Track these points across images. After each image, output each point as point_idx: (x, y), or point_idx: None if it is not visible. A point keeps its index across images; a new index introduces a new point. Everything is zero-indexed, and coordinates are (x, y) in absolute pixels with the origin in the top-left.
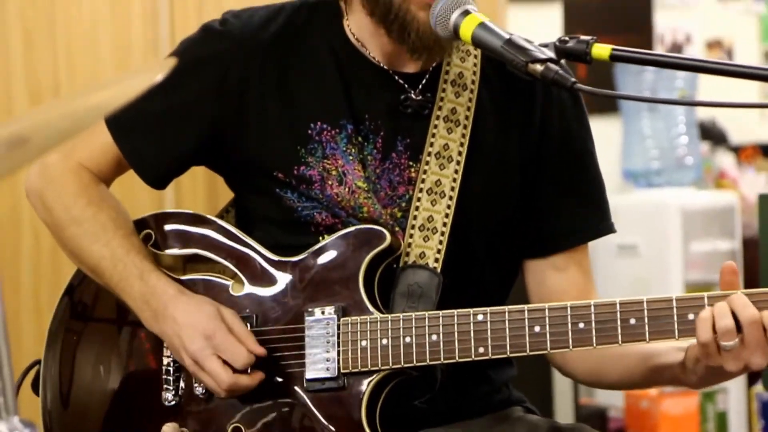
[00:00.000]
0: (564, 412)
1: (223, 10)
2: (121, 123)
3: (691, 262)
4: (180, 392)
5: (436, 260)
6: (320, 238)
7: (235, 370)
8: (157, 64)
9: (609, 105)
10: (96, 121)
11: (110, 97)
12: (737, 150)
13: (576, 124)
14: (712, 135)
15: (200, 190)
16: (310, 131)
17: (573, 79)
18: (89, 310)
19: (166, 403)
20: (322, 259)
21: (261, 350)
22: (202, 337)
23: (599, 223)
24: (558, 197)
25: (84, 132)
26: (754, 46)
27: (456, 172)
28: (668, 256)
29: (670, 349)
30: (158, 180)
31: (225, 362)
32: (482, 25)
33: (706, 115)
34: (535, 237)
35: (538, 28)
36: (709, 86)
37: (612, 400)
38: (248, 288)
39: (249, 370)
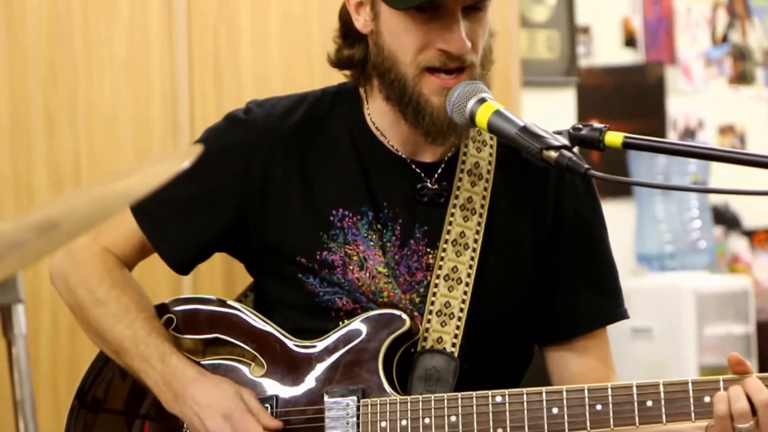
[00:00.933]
0: None
1: (240, 96)
2: (146, 209)
3: (706, 346)
4: None
5: (453, 345)
6: (340, 323)
7: None
8: (184, 152)
9: (622, 189)
10: (124, 208)
11: (138, 183)
12: (750, 234)
13: (589, 210)
14: (725, 219)
15: (217, 274)
16: (332, 218)
17: (586, 166)
18: (102, 402)
19: None
20: (343, 341)
21: (277, 423)
22: (221, 417)
23: (611, 309)
24: (571, 284)
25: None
26: (765, 132)
27: (472, 259)
28: (682, 339)
29: (689, 429)
30: (183, 266)
31: None
32: (498, 112)
33: (720, 199)
34: (550, 322)
35: (552, 113)
36: (722, 171)
37: None
38: (268, 371)
39: None
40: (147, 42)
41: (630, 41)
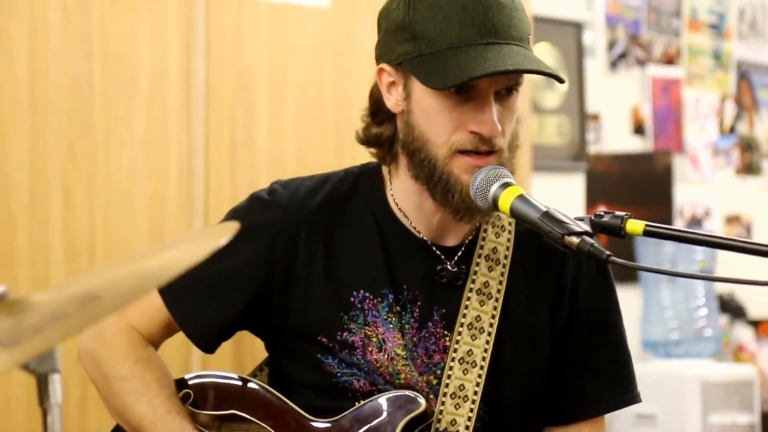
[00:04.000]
0: None
1: (255, 175)
2: (172, 289)
3: None
4: None
5: (467, 427)
6: (356, 403)
7: None
8: (220, 229)
9: (629, 275)
10: (161, 282)
11: (174, 259)
12: (756, 324)
13: (603, 296)
14: (731, 308)
15: (226, 346)
16: (352, 299)
17: (608, 253)
18: None
19: None
20: (358, 421)
21: None
22: None
23: (623, 393)
24: (581, 369)
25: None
26: None
27: (487, 342)
28: (687, 427)
29: None
30: (208, 344)
31: None
32: (521, 197)
33: (725, 288)
34: (558, 405)
35: (561, 197)
36: (728, 260)
37: None
38: None
39: None
40: (165, 120)
41: (639, 129)
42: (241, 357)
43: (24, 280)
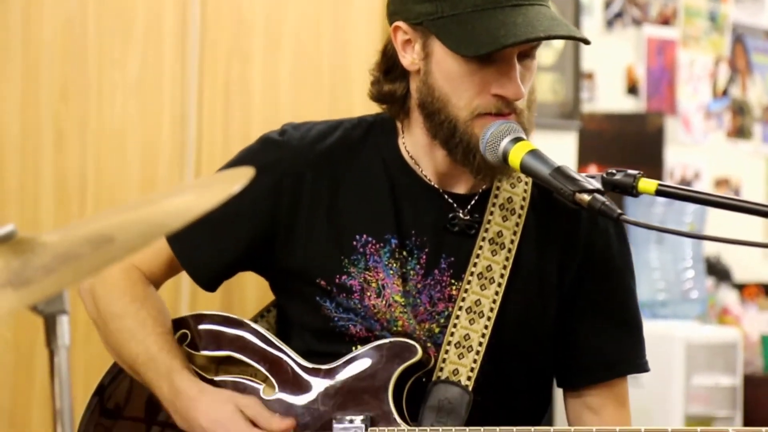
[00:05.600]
0: None
1: (249, 122)
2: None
3: (693, 396)
4: None
5: (469, 378)
6: (353, 348)
7: None
8: (235, 175)
9: None
10: (176, 227)
11: (189, 204)
12: (741, 287)
13: (619, 257)
14: (717, 271)
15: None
16: (354, 242)
17: (619, 211)
18: (119, 409)
19: None
20: (354, 368)
21: (290, 421)
22: None
23: (635, 359)
24: (595, 329)
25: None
26: (760, 187)
27: (497, 293)
28: (670, 388)
29: None
30: (210, 283)
31: None
32: (532, 152)
33: (712, 250)
34: (569, 366)
35: (553, 156)
36: (716, 222)
37: None
38: (279, 392)
39: None
40: (159, 66)
41: (632, 89)
42: (229, 299)
43: (12, 221)
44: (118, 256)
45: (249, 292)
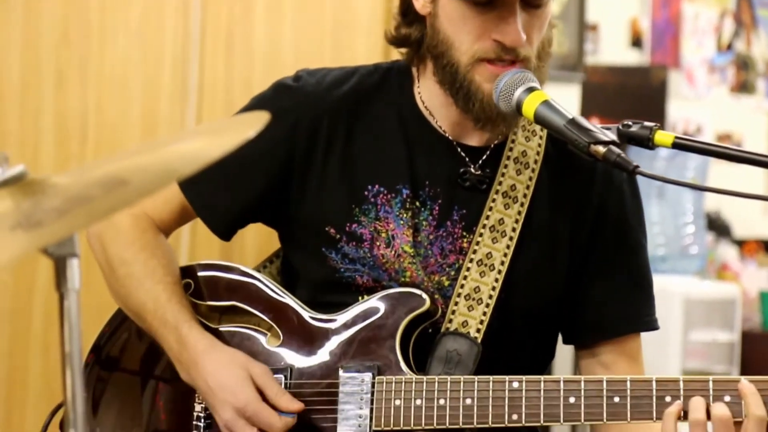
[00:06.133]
0: None
1: (251, 66)
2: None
3: (690, 351)
4: None
5: (478, 330)
6: (360, 298)
7: None
8: (250, 119)
9: None
10: (190, 171)
11: (203, 148)
12: (740, 243)
13: (633, 215)
14: (717, 227)
15: (215, 239)
16: (366, 192)
17: (635, 164)
18: (123, 355)
19: None
20: (361, 318)
21: (298, 406)
22: (233, 410)
23: (645, 316)
24: (607, 285)
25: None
26: (762, 143)
27: (508, 247)
28: (668, 343)
29: None
30: (225, 232)
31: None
32: (546, 103)
33: (713, 206)
34: (579, 324)
35: None
36: (718, 178)
37: None
38: (284, 342)
39: None
40: (161, 7)
41: (636, 42)
42: (228, 250)
43: (12, 161)
44: (131, 200)
45: (248, 242)
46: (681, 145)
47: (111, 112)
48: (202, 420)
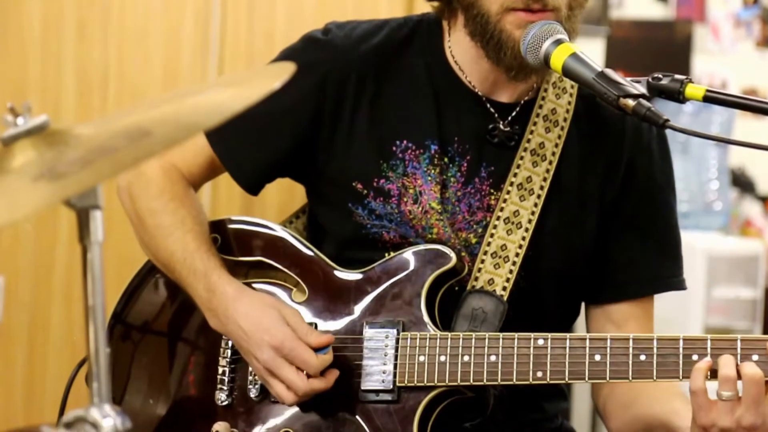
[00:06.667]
0: None
1: (273, 19)
2: (217, 128)
3: (713, 307)
4: (233, 393)
5: (504, 289)
6: (386, 254)
7: (309, 375)
8: (276, 70)
9: None
10: (215, 122)
11: (228, 99)
12: (765, 200)
13: (662, 175)
14: (741, 183)
15: (236, 195)
16: (394, 148)
17: (665, 117)
18: (147, 310)
19: (219, 402)
20: (386, 274)
21: (327, 338)
22: (271, 348)
23: (671, 276)
24: (634, 245)
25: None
26: None
27: (536, 205)
28: (690, 300)
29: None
30: (252, 185)
31: (298, 368)
32: (574, 55)
33: (737, 162)
34: (603, 282)
35: None
36: (743, 133)
37: None
38: (309, 297)
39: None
40: None
41: None
42: (249, 205)
43: (33, 112)
44: (156, 150)
45: (269, 198)
46: (712, 99)
47: (132, 64)
48: (227, 374)
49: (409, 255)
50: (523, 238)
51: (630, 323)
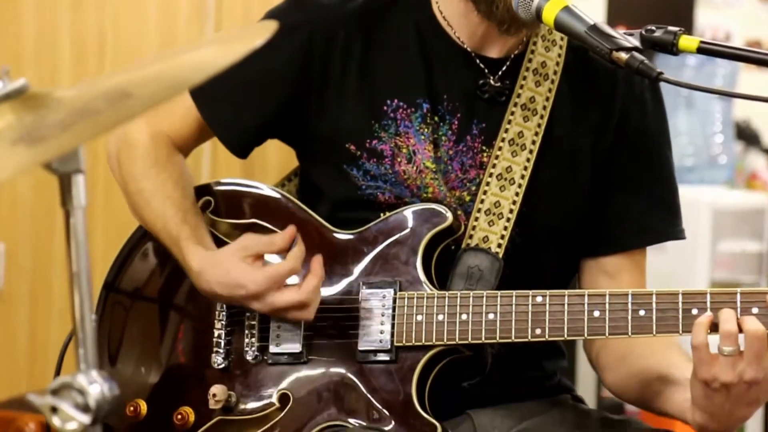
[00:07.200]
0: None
1: None
2: (204, 90)
3: (719, 261)
4: (230, 356)
5: (499, 245)
6: (381, 215)
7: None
8: (257, 29)
9: None
10: (196, 82)
11: (209, 59)
12: None
13: (655, 126)
14: (746, 136)
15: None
16: (385, 107)
17: (658, 70)
18: (141, 275)
19: (216, 365)
20: (382, 234)
21: (291, 230)
22: (253, 299)
23: (667, 226)
24: (628, 197)
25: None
26: None
27: (528, 160)
28: (696, 254)
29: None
30: (241, 148)
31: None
32: (566, 9)
33: (742, 115)
34: (598, 234)
35: None
36: (747, 85)
37: None
38: (306, 259)
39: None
40: None
41: None
42: (250, 167)
43: (29, 81)
44: (135, 112)
45: (270, 159)
46: (706, 50)
47: (128, 30)
48: (223, 336)
49: (405, 214)
50: (517, 194)
51: (624, 274)
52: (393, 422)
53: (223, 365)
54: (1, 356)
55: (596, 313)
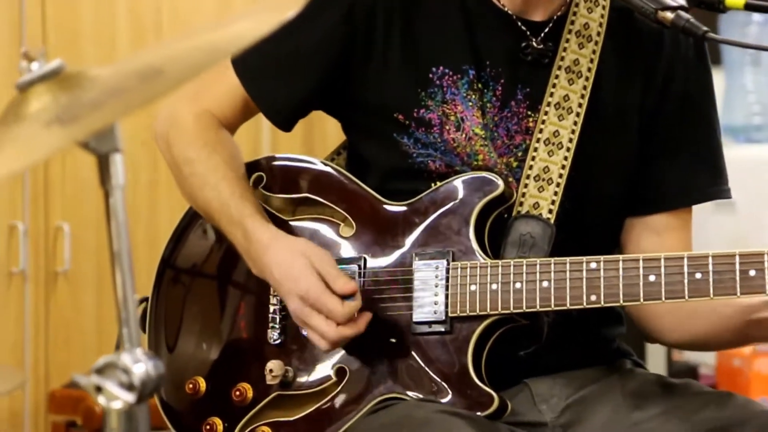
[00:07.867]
0: (656, 369)
1: None
2: (248, 66)
3: None
4: (286, 331)
5: (550, 211)
6: (432, 185)
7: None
8: (289, 1)
9: (711, 57)
10: (228, 56)
11: (241, 32)
12: None
13: (700, 85)
14: None
15: (297, 133)
16: (431, 75)
17: (705, 29)
18: (197, 252)
19: (272, 341)
20: (434, 204)
21: (352, 286)
22: (297, 298)
23: (712, 186)
24: (673, 156)
25: (212, 75)
26: None
27: (575, 123)
28: (765, 214)
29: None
30: (286, 122)
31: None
32: None
33: None
34: (644, 194)
35: None
36: None
37: (704, 358)
38: (357, 231)
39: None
40: None
41: None
42: (310, 141)
43: (89, 57)
44: (167, 89)
45: (330, 130)
46: (755, 6)
47: (184, 10)
48: (278, 312)
49: (456, 184)
50: (566, 158)
51: (670, 233)
52: (450, 394)
53: (279, 341)
54: (71, 336)
55: (652, 278)
